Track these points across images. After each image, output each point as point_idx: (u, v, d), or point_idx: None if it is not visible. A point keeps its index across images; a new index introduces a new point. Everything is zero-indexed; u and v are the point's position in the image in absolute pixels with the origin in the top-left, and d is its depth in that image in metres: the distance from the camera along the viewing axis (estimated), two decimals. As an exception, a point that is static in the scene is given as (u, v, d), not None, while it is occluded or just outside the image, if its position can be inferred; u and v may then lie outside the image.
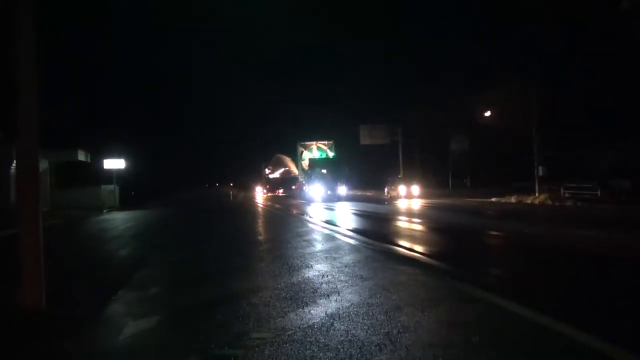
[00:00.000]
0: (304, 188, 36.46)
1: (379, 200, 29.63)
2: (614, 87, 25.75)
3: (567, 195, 23.66)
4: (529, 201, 23.85)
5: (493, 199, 25.19)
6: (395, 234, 11.63)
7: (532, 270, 6.74)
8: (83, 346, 3.80)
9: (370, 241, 9.46)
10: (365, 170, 49.00)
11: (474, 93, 36.30)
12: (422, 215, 17.51)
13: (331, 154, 38.97)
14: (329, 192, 32.57)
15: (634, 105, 21.84)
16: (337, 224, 14.10)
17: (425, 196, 31.50)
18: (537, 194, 24.58)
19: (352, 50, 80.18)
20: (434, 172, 45.70)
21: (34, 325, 4.32)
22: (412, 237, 10.96)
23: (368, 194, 42.89)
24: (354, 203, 26.95)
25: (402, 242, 9.37)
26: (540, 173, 25.57)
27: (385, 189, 35.57)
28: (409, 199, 30.44)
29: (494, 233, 11.32)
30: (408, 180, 34.24)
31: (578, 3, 25.77)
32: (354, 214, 19.01)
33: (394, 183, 34.97)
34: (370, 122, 42.33)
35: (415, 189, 32.60)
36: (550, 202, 22.51)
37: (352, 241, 9.59)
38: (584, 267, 6.70)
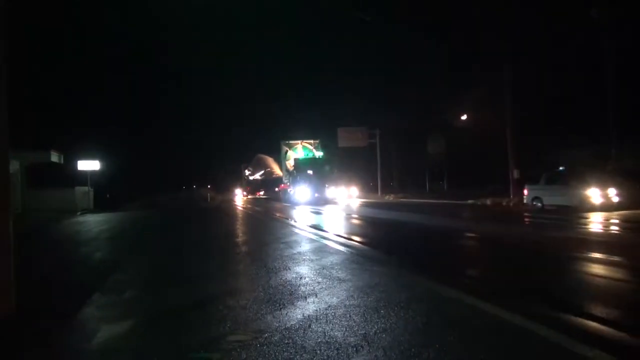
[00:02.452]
0: (289, 190, 34.45)
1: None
2: (586, 91, 26.49)
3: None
4: (503, 203, 24.32)
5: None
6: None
7: None
8: (55, 352, 3.72)
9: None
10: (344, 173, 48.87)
11: (450, 95, 36.91)
12: None
13: (317, 154, 36.92)
14: (316, 195, 30.62)
15: (604, 109, 22.48)
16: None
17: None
18: (511, 197, 25.08)
19: (330, 52, 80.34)
20: (411, 174, 46.29)
21: (3, 332, 4.21)
22: None
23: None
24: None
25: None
26: (515, 175, 26.08)
27: (526, 191, 20.56)
28: (607, 211, 16.62)
29: None
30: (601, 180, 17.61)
31: (550, 9, 26.42)
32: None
33: (564, 184, 18.65)
34: (349, 125, 42.48)
35: (612, 192, 17.21)
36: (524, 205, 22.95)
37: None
38: None
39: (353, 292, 5.14)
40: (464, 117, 35.62)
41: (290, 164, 36.56)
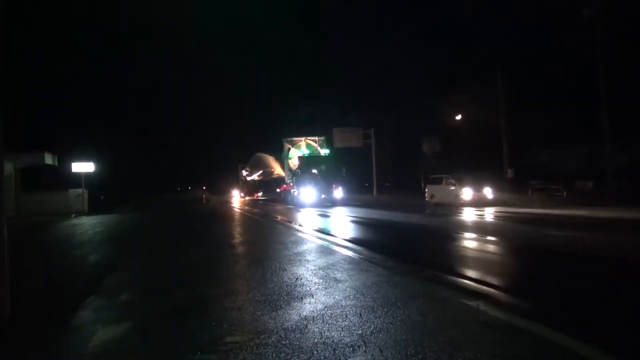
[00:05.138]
0: (292, 191, 31.66)
1: None
2: (578, 90, 26.67)
3: (534, 196, 24.39)
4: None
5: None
6: None
7: None
8: (50, 356, 3.71)
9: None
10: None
11: (445, 95, 37.07)
12: None
13: (323, 152, 34.33)
14: (322, 196, 28.21)
15: (597, 107, 22.63)
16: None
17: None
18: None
19: (326, 56, 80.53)
20: (406, 174, 46.37)
21: (-1, 335, 4.20)
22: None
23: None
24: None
25: None
26: (510, 175, 26.22)
27: None
28: None
29: None
30: None
31: (541, 8, 26.60)
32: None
33: None
34: (344, 125, 42.45)
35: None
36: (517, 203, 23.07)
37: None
38: None
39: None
40: (458, 117, 35.79)
41: (293, 162, 34.49)
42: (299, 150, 35.35)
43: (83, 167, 29.18)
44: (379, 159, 43.38)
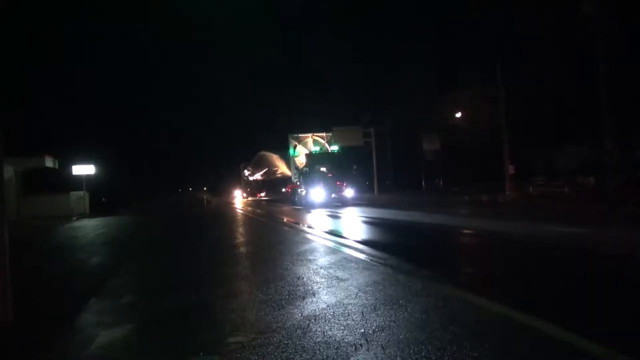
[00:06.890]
0: (299, 190, 29.79)
1: None
2: (579, 87, 26.59)
3: (535, 193, 24.39)
4: (500, 199, 24.44)
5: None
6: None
7: None
8: (53, 358, 3.71)
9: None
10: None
11: (445, 93, 37.01)
12: None
13: (331, 148, 33.03)
14: (332, 195, 26.64)
15: (597, 104, 22.57)
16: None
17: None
18: (507, 192, 25.20)
19: (327, 54, 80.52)
20: (406, 173, 46.33)
21: (2, 339, 4.19)
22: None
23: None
24: None
25: None
26: (511, 172, 26.18)
27: None
28: None
29: None
30: None
31: (543, 6, 26.55)
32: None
33: None
34: (344, 124, 42.28)
35: None
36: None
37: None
38: None
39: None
40: (458, 114, 35.76)
41: (300, 160, 33.19)
42: (305, 147, 34.06)
43: (84, 169, 29.17)
44: (379, 158, 43.29)
